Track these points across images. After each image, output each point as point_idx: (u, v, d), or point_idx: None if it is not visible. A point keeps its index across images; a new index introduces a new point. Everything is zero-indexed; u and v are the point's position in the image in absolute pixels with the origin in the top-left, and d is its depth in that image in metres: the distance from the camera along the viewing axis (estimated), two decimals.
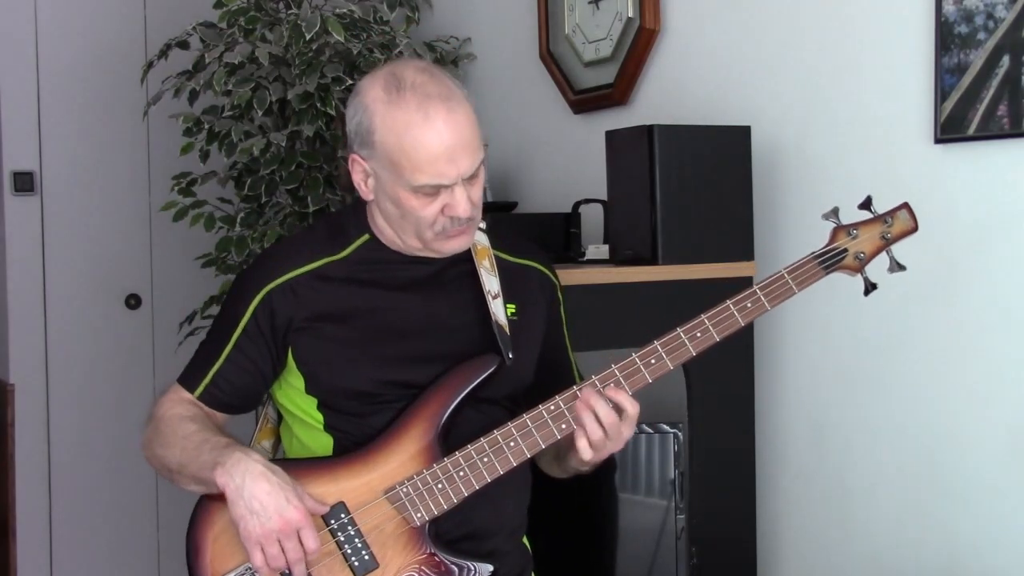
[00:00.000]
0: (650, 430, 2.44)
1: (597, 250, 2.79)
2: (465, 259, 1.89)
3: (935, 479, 2.36)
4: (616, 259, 2.64)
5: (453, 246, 1.84)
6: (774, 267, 2.64)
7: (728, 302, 1.80)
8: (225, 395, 1.88)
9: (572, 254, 2.90)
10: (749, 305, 1.80)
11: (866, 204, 1.83)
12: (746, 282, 2.61)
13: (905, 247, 2.37)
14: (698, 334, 1.80)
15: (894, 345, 2.44)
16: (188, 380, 1.90)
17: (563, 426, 1.79)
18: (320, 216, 2.02)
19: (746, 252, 2.60)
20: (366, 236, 1.89)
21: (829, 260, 1.82)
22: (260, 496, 1.70)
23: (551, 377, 1.95)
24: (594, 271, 2.57)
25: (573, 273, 2.54)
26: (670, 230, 2.50)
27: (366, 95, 1.80)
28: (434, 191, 1.77)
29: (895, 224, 1.83)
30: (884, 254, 1.84)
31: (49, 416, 4.24)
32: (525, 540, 1.97)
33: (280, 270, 1.85)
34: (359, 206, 1.92)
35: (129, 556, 4.30)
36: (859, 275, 1.84)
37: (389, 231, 1.86)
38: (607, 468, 2.44)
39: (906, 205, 1.84)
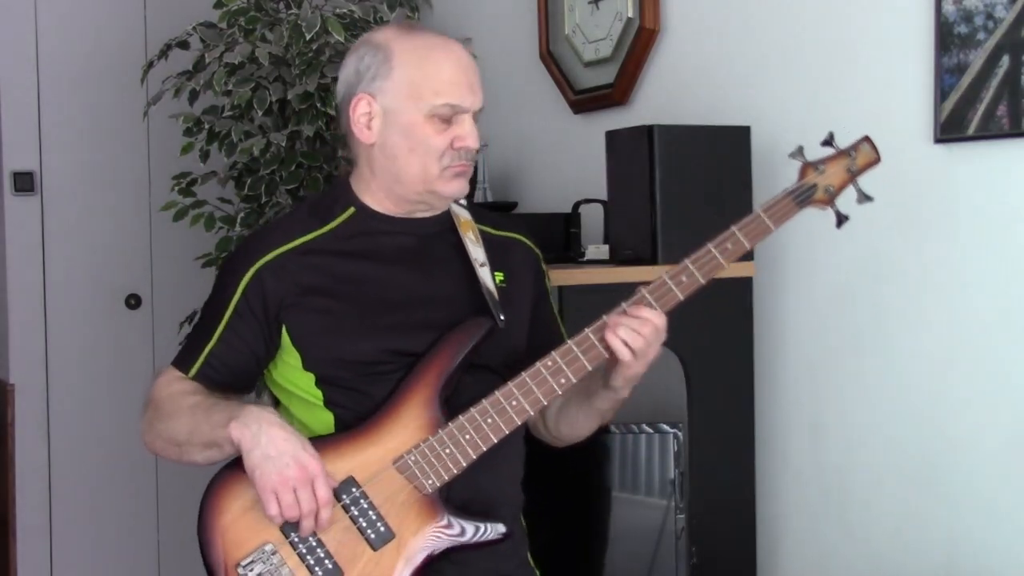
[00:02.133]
0: (650, 430, 2.45)
1: (597, 250, 2.79)
2: (449, 230, 1.92)
3: (934, 479, 2.36)
4: (616, 259, 2.64)
5: (453, 188, 1.87)
6: (773, 267, 2.66)
7: (709, 245, 1.84)
8: (219, 375, 1.89)
9: (572, 254, 2.90)
10: (730, 246, 1.84)
11: (828, 141, 1.90)
12: (746, 282, 2.62)
13: (905, 246, 2.38)
14: (684, 279, 1.83)
15: (894, 344, 2.44)
16: (182, 362, 1.91)
17: (562, 381, 1.80)
18: (307, 196, 2.09)
19: (746, 252, 2.59)
20: (351, 209, 1.91)
21: (801, 195, 1.87)
22: (277, 442, 1.71)
23: (545, 347, 1.94)
24: (594, 271, 2.57)
25: (573, 273, 2.54)
26: (670, 230, 2.50)
27: (376, 37, 1.88)
28: (449, 115, 1.82)
29: (859, 157, 1.90)
30: (851, 187, 1.90)
31: (49, 416, 4.24)
32: (521, 518, 1.98)
33: (267, 248, 1.87)
34: (342, 182, 1.95)
35: (129, 556, 4.30)
36: (830, 208, 1.89)
37: (385, 184, 1.88)
38: (600, 461, 2.45)
39: (867, 138, 1.91)
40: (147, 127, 4.11)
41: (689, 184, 2.52)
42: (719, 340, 2.58)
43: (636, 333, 1.79)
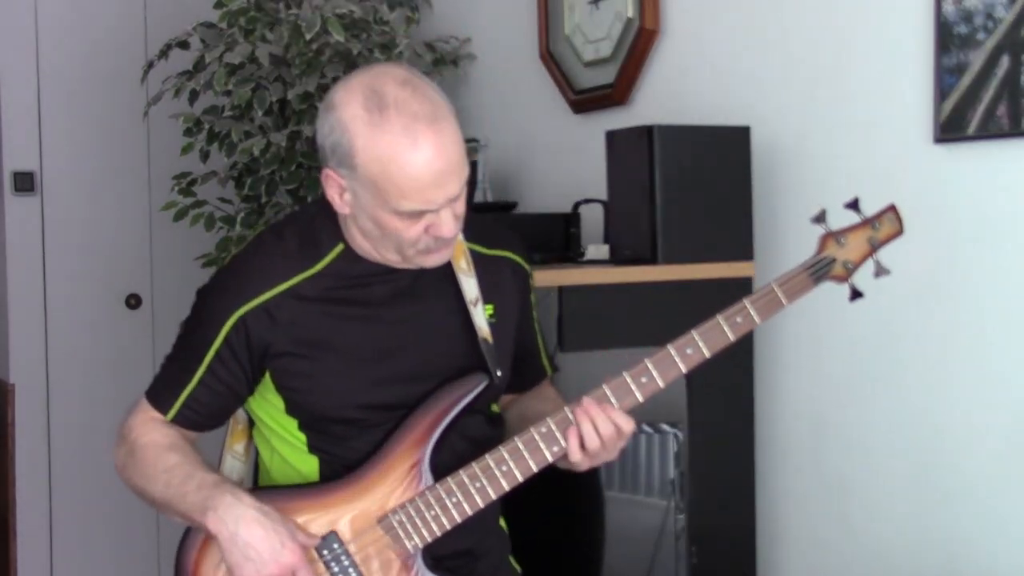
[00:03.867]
0: (650, 430, 2.45)
1: (597, 250, 2.79)
2: None
3: (935, 478, 2.36)
4: (616, 259, 2.64)
5: (434, 260, 1.77)
6: (773, 267, 2.65)
7: (718, 317, 1.78)
8: (199, 417, 1.83)
9: (572, 254, 2.90)
10: (739, 320, 1.78)
11: (854, 205, 1.79)
12: (746, 282, 2.61)
13: (904, 247, 2.37)
14: (688, 351, 1.78)
15: (893, 345, 2.44)
16: (159, 401, 1.85)
17: (555, 449, 1.77)
18: (290, 219, 1.94)
19: (746, 252, 2.60)
20: (340, 246, 1.80)
21: (819, 271, 1.80)
22: (255, 543, 1.69)
23: (519, 361, 1.94)
24: (594, 271, 2.57)
25: (573, 273, 2.54)
26: (670, 230, 2.50)
27: (343, 111, 1.69)
28: (419, 215, 1.70)
29: (882, 228, 1.81)
30: (870, 259, 1.82)
31: (49, 416, 4.24)
32: (502, 522, 1.97)
33: (252, 291, 1.77)
34: (329, 208, 1.80)
35: (129, 556, 4.30)
36: (846, 283, 1.82)
37: (366, 244, 1.78)
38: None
39: (893, 207, 1.82)
40: (147, 127, 4.11)
41: (689, 184, 2.52)
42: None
43: (596, 434, 1.74)
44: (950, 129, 2.27)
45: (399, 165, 1.66)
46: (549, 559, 2.35)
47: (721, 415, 2.61)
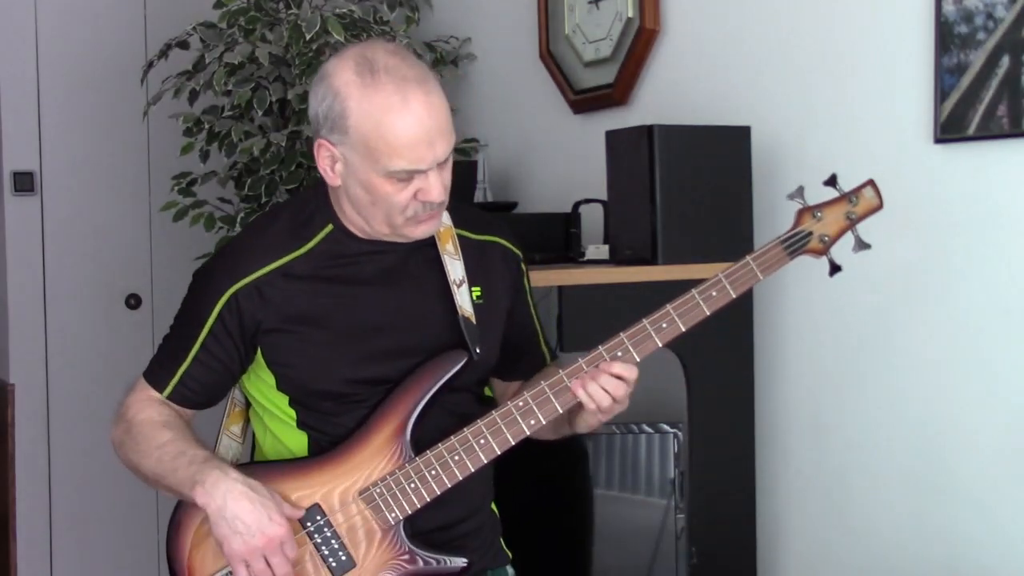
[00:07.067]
0: (650, 430, 2.45)
1: (597, 250, 2.79)
2: (429, 244, 1.88)
3: (935, 478, 2.36)
4: (616, 259, 2.64)
5: (423, 231, 1.82)
6: None
7: (693, 291, 1.80)
8: (194, 394, 1.88)
9: (572, 254, 2.90)
10: (714, 294, 1.80)
11: (831, 181, 1.80)
12: None
13: (904, 247, 2.38)
14: (664, 325, 1.80)
15: (894, 344, 2.44)
16: (155, 379, 1.90)
17: (532, 422, 1.80)
18: (285, 203, 2.01)
19: (745, 252, 2.59)
20: (330, 227, 1.86)
21: (794, 244, 1.81)
22: (243, 516, 1.73)
23: (518, 348, 1.98)
24: (594, 271, 2.58)
25: (573, 273, 2.54)
26: (670, 230, 2.50)
27: (336, 78, 1.78)
28: (408, 176, 1.75)
29: (860, 203, 1.82)
30: (849, 233, 1.82)
31: (49, 416, 4.24)
32: (493, 506, 1.99)
33: (244, 270, 1.83)
34: (322, 190, 1.89)
35: (129, 556, 4.30)
36: (824, 257, 1.83)
37: (356, 217, 1.84)
38: (599, 461, 2.45)
39: (871, 182, 1.82)
40: (147, 127, 4.10)
41: (689, 184, 2.52)
42: (719, 340, 2.58)
43: (604, 391, 1.78)
44: (950, 129, 2.27)
45: (391, 122, 1.72)
46: (539, 549, 2.35)
47: (721, 415, 2.61)
